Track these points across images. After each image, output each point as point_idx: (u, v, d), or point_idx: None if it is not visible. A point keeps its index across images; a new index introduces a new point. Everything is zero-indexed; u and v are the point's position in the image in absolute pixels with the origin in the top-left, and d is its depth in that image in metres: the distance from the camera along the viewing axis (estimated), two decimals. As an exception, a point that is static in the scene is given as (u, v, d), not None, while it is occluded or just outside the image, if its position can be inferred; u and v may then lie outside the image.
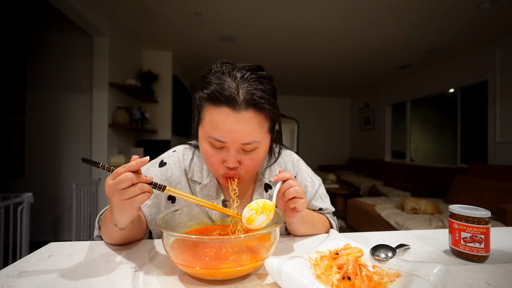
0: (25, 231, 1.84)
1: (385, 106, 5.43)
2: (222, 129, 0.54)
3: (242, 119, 0.53)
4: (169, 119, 3.79)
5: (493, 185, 2.62)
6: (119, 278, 0.45)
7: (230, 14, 2.71)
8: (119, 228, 0.53)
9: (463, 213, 0.54)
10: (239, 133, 0.54)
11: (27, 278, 0.44)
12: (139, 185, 0.46)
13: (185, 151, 0.73)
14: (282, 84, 5.59)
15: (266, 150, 0.61)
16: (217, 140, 0.55)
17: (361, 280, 0.39)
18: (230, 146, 0.56)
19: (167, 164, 0.69)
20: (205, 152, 0.59)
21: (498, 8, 2.49)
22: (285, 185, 0.55)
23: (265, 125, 0.58)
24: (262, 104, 0.55)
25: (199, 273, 0.43)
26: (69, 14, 2.23)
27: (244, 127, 0.54)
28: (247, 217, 0.52)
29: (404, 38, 3.21)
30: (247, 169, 0.59)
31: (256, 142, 0.56)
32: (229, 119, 0.53)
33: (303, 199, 0.55)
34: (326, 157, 6.95)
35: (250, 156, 0.58)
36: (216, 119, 0.54)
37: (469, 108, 3.76)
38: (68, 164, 2.95)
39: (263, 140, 0.58)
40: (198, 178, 0.69)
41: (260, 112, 0.55)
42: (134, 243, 0.62)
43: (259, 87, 0.56)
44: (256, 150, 0.58)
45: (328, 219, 0.77)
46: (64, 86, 2.93)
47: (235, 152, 0.56)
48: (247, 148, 0.56)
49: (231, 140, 0.55)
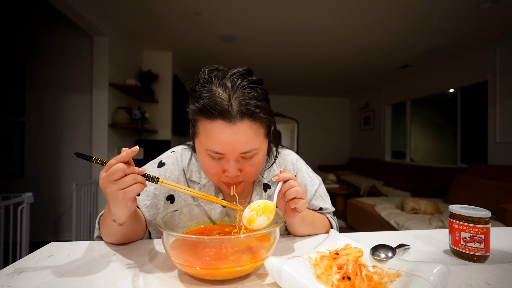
0: (25, 231, 1.84)
1: (385, 106, 5.43)
2: (220, 142, 0.54)
3: (238, 131, 0.53)
4: (169, 119, 3.79)
5: (493, 185, 2.62)
6: (119, 278, 0.45)
7: (230, 14, 2.71)
8: (118, 223, 0.53)
9: (463, 213, 0.54)
10: (237, 143, 0.54)
11: (27, 278, 0.44)
12: (132, 175, 0.46)
13: (183, 151, 0.73)
14: (282, 84, 5.59)
15: (264, 154, 0.62)
16: (216, 152, 0.55)
17: (361, 280, 0.39)
18: (229, 156, 0.56)
19: (166, 164, 0.69)
20: (204, 164, 0.59)
21: (498, 8, 2.49)
22: (286, 186, 0.55)
23: (261, 132, 0.58)
24: (257, 113, 0.54)
25: (199, 273, 0.43)
26: (69, 14, 2.23)
27: (242, 138, 0.53)
28: (248, 217, 0.52)
29: (404, 38, 3.21)
30: (249, 175, 0.59)
31: (255, 149, 0.56)
32: (225, 131, 0.53)
33: (304, 199, 0.55)
34: (326, 157, 6.95)
35: (250, 162, 0.58)
36: (212, 133, 0.54)
37: (469, 108, 3.76)
38: (68, 164, 2.95)
39: (261, 146, 0.59)
40: (197, 178, 0.69)
41: (255, 121, 0.55)
42: (134, 243, 0.62)
43: (252, 95, 0.55)
44: (255, 156, 0.58)
45: (328, 219, 0.77)
46: (64, 86, 2.93)
47: (234, 162, 0.56)
48: (246, 156, 0.57)
49: (230, 151, 0.55)
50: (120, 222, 0.53)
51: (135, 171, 0.47)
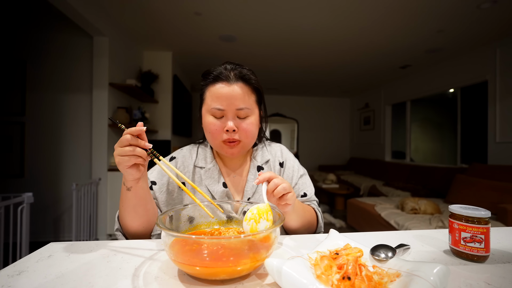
0: (25, 231, 1.84)
1: (385, 106, 5.43)
2: (220, 98, 0.69)
3: (234, 89, 0.70)
4: (169, 119, 3.79)
5: (493, 185, 2.62)
6: (119, 278, 0.45)
7: (230, 14, 2.71)
8: (126, 187, 0.60)
9: (463, 213, 0.54)
10: (233, 99, 0.69)
11: (27, 278, 0.44)
12: (130, 147, 0.55)
13: (191, 147, 0.86)
14: (282, 84, 5.59)
15: (257, 120, 0.75)
16: (218, 109, 0.69)
17: (361, 280, 0.39)
18: (228, 112, 0.70)
19: (176, 158, 0.82)
20: (208, 123, 0.71)
21: (498, 8, 2.49)
22: (272, 186, 0.59)
23: (252, 96, 0.73)
24: (249, 77, 0.72)
25: (199, 273, 0.43)
26: (69, 14, 2.23)
27: (237, 95, 0.69)
28: (249, 229, 0.51)
29: (404, 38, 3.21)
30: (245, 133, 0.71)
31: (248, 108, 0.71)
32: (224, 89, 0.69)
33: (291, 192, 0.60)
34: (326, 157, 6.95)
35: (245, 122, 0.71)
36: (214, 92, 0.70)
37: (469, 108, 3.76)
38: (68, 164, 2.95)
39: (253, 109, 0.73)
40: (203, 164, 0.81)
41: (247, 84, 0.72)
42: (134, 243, 0.62)
43: (245, 70, 0.74)
44: (249, 117, 0.72)
45: (314, 209, 0.81)
46: (64, 86, 2.93)
47: (232, 118, 0.70)
48: (241, 114, 0.70)
49: (228, 106, 0.69)
50: (128, 186, 0.60)
51: (139, 144, 0.56)
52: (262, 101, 0.80)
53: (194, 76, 5.04)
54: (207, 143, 0.85)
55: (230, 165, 0.83)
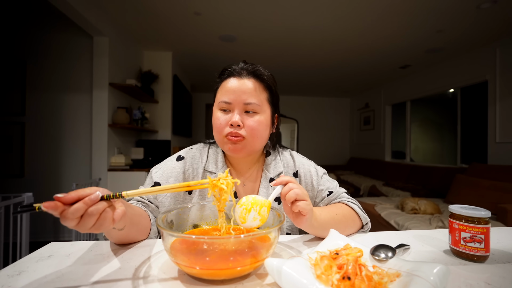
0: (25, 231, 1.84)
1: (385, 106, 5.43)
2: (228, 91, 0.67)
3: (244, 83, 0.67)
4: (169, 119, 3.79)
5: (493, 185, 2.62)
6: (119, 278, 0.45)
7: (230, 14, 2.71)
8: (118, 229, 0.52)
9: (463, 213, 0.54)
10: (241, 92, 0.66)
11: (27, 278, 0.44)
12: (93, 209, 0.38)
13: (201, 147, 0.81)
14: (282, 84, 5.59)
15: (267, 120, 0.70)
16: (224, 102, 0.67)
17: (361, 280, 0.39)
18: (235, 106, 0.67)
19: (185, 158, 0.76)
20: (214, 118, 0.69)
21: (498, 8, 2.49)
22: (285, 189, 0.54)
23: (263, 93, 0.70)
24: (261, 74, 0.69)
25: (199, 273, 0.43)
26: (69, 14, 2.23)
27: (246, 89, 0.66)
28: (239, 214, 0.52)
29: (404, 38, 3.21)
30: (251, 130, 0.67)
31: (256, 104, 0.67)
32: (234, 83, 0.67)
33: (305, 201, 0.54)
34: (326, 157, 6.95)
35: (252, 118, 0.67)
36: (225, 87, 0.68)
37: (469, 108, 3.76)
38: (68, 164, 2.95)
39: (263, 106, 0.69)
40: (213, 169, 0.75)
41: (259, 80, 0.69)
42: (134, 243, 0.62)
43: (261, 68, 0.71)
44: (257, 115, 0.68)
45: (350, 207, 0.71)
46: (64, 86, 2.93)
47: (239, 113, 0.66)
48: (248, 108, 0.67)
49: (235, 99, 0.66)
50: (120, 228, 0.51)
51: (88, 203, 0.38)
52: (277, 103, 0.75)
53: (194, 76, 5.04)
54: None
55: (241, 171, 0.77)
